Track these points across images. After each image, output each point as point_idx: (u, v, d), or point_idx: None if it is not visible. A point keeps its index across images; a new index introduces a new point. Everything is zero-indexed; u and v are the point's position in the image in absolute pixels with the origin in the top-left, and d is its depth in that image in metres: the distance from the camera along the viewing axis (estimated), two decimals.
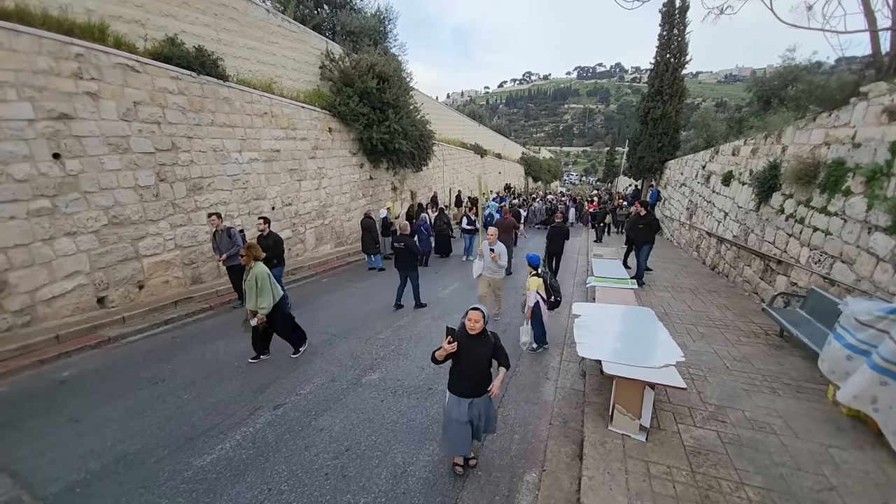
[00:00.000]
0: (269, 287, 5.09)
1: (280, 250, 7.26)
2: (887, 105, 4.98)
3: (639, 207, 9.35)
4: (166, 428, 3.96)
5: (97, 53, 6.33)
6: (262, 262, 5.19)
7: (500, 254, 6.42)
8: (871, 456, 3.35)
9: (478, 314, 3.04)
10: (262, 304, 5.03)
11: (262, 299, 5.03)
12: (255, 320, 5.07)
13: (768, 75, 14.70)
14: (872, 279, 4.79)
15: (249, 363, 5.37)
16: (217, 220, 6.95)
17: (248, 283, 5.03)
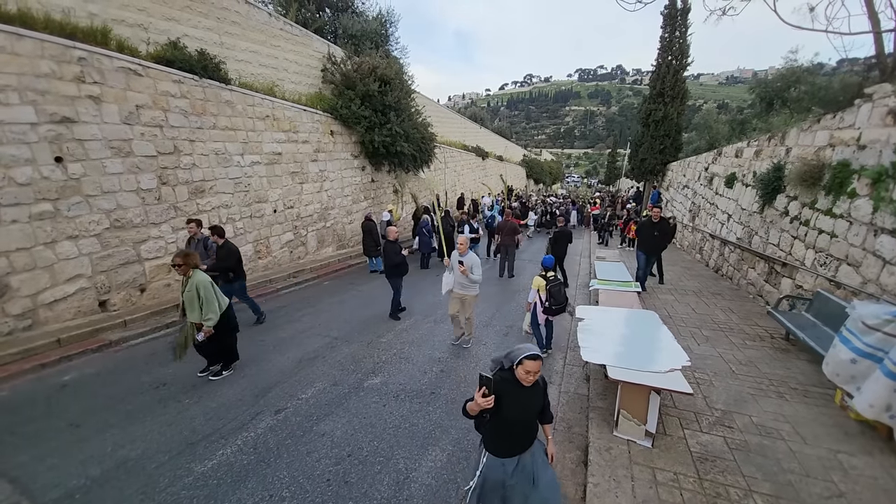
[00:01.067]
0: (215, 296, 4.74)
1: (236, 262, 6.44)
2: (892, 106, 4.95)
3: (653, 211, 8.50)
4: (167, 433, 3.93)
5: (100, 57, 6.34)
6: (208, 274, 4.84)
7: (471, 266, 5.59)
8: (879, 461, 3.30)
9: (537, 364, 2.26)
10: (208, 314, 4.64)
11: (208, 309, 4.65)
12: (201, 335, 4.66)
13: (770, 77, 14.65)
14: (879, 282, 4.74)
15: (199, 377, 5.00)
16: (195, 228, 6.57)
17: (189, 293, 4.60)
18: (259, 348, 5.92)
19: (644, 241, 8.48)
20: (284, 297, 8.54)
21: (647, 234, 8.38)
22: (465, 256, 5.67)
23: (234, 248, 6.51)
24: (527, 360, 2.27)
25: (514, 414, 2.36)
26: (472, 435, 3.93)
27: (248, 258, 9.17)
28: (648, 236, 8.32)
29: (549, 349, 5.78)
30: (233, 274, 6.41)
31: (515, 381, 2.32)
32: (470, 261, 5.64)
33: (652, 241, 8.26)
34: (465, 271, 5.56)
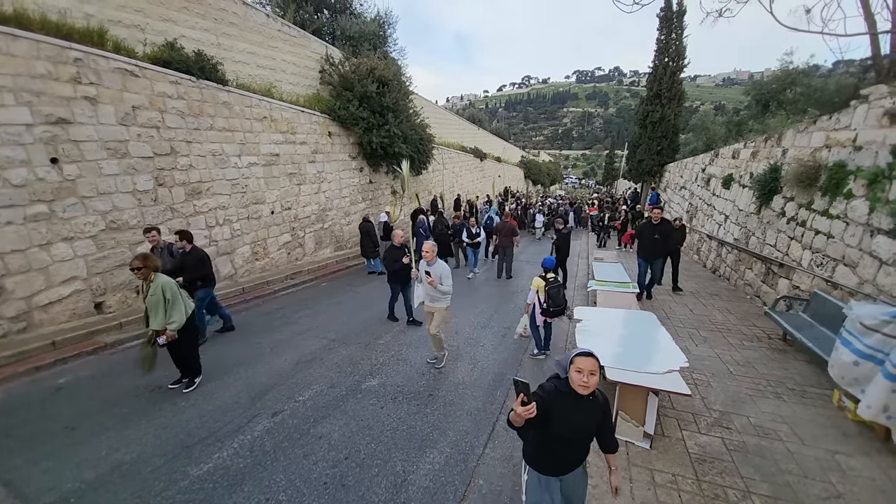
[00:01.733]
0: (181, 299, 4.51)
1: (206, 269, 5.96)
2: (888, 108, 4.97)
3: (653, 212, 7.69)
4: (162, 436, 3.90)
5: (96, 58, 6.32)
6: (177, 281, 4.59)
7: (440, 276, 5.03)
8: (877, 462, 3.30)
9: (591, 362, 2.02)
10: (173, 318, 4.37)
11: (175, 312, 4.39)
12: (163, 338, 4.37)
13: (766, 78, 14.72)
14: (875, 282, 4.75)
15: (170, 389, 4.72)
16: (156, 236, 6.00)
17: (153, 297, 4.32)
18: (256, 350, 5.88)
19: (644, 246, 7.68)
20: (282, 299, 8.51)
21: (647, 238, 7.56)
22: (433, 266, 5.09)
23: (205, 253, 6.09)
24: (578, 358, 2.04)
25: (565, 431, 2.08)
26: (471, 437, 3.92)
27: (245, 259, 9.15)
28: (648, 240, 7.53)
29: (547, 351, 5.77)
30: (201, 282, 5.86)
31: (570, 392, 2.05)
32: (438, 270, 5.06)
33: (652, 245, 7.49)
34: (433, 282, 5.02)
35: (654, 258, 7.64)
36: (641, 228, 7.86)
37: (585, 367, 2.00)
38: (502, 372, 5.31)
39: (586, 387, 2.00)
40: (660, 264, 7.75)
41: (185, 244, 5.89)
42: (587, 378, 1.99)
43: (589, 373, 2.00)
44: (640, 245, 7.81)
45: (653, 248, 7.54)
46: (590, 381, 2.00)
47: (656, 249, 7.55)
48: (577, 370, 2.02)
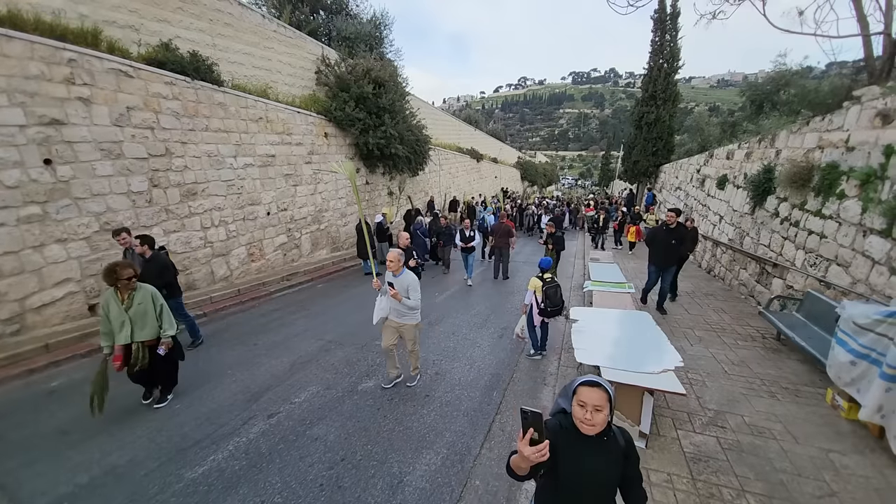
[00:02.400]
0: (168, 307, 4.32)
1: (168, 277, 5.51)
2: (880, 109, 5.02)
3: (667, 215, 6.92)
4: (156, 439, 3.87)
5: (90, 59, 6.28)
6: None
7: (406, 288, 4.42)
8: (871, 461, 3.32)
9: (597, 395, 1.60)
10: (167, 326, 4.23)
11: (166, 320, 4.24)
12: (163, 348, 4.21)
13: (760, 80, 14.85)
14: (868, 282, 4.80)
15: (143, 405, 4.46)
16: (126, 238, 5.53)
17: (140, 307, 4.09)
18: (251, 352, 5.86)
19: (657, 252, 6.93)
20: (278, 301, 8.48)
21: (662, 243, 6.81)
22: (399, 276, 4.47)
23: (168, 260, 5.74)
24: (582, 388, 1.63)
25: (574, 481, 1.68)
26: (467, 438, 3.93)
27: (241, 261, 9.11)
28: (664, 245, 6.78)
29: (543, 351, 5.78)
30: (166, 291, 5.23)
31: (577, 432, 1.66)
32: (405, 282, 4.44)
33: (668, 250, 6.78)
34: (396, 295, 4.35)
35: (668, 265, 6.91)
36: (655, 233, 7.12)
37: (589, 400, 1.59)
38: (499, 373, 5.31)
39: (591, 425, 1.59)
40: (673, 272, 7.10)
41: (146, 249, 5.39)
42: (591, 414, 1.58)
43: (594, 408, 1.58)
44: (654, 252, 7.04)
45: (667, 255, 6.82)
46: (595, 418, 1.58)
47: (671, 255, 6.84)
48: (579, 403, 1.62)
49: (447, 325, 6.99)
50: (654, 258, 7.06)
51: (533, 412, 1.51)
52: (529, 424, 1.50)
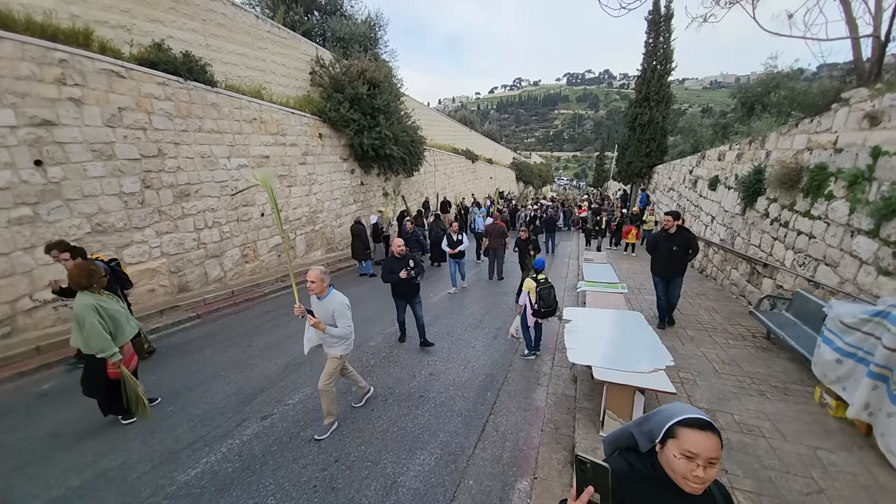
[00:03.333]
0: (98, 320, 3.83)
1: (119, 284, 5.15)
2: (868, 111, 5.08)
3: (665, 219, 6.24)
4: (149, 441, 3.86)
5: (81, 59, 6.24)
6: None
7: (331, 313, 3.79)
8: (858, 458, 3.36)
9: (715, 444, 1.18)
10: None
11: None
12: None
13: (751, 82, 15.03)
14: (856, 281, 4.87)
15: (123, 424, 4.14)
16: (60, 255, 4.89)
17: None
18: (245, 354, 5.84)
19: (659, 261, 6.30)
20: (272, 302, 8.45)
21: (663, 251, 6.16)
22: (322, 300, 3.82)
23: (121, 273, 5.52)
24: (690, 432, 1.18)
25: None
26: (461, 438, 3.95)
27: (234, 262, 9.08)
28: (665, 253, 6.13)
29: (537, 351, 5.82)
30: None
31: (662, 482, 1.23)
32: (330, 306, 3.77)
33: (671, 259, 6.11)
34: (317, 324, 3.67)
35: (673, 275, 6.22)
36: (656, 239, 6.39)
37: (702, 451, 1.15)
38: (493, 373, 5.34)
39: (700, 482, 1.16)
40: (679, 283, 6.36)
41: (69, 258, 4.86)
42: (703, 471, 1.15)
43: (707, 462, 1.16)
44: (656, 261, 6.39)
45: (672, 263, 6.16)
46: (707, 474, 1.16)
47: (677, 264, 6.16)
48: (685, 454, 1.17)
49: (442, 325, 7.00)
50: (656, 267, 6.40)
51: (595, 464, 1.11)
52: (588, 480, 1.11)
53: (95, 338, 3.70)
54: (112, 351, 3.78)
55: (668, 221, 6.15)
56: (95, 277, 3.83)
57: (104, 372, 3.84)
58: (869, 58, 7.14)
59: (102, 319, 3.78)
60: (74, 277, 3.76)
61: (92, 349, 3.72)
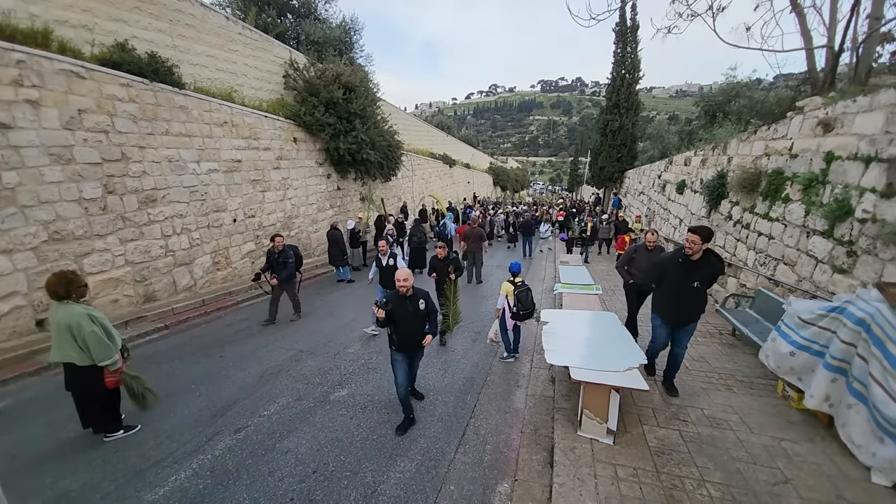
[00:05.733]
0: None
1: None
2: (822, 118, 5.40)
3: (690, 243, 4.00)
4: (113, 460, 3.66)
5: (40, 59, 5.93)
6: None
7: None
8: (821, 448, 3.52)
9: None
10: None
11: None
12: None
13: (714, 91, 15.76)
14: (813, 279, 5.16)
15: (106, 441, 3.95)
16: None
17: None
18: (217, 365, 5.64)
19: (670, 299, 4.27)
20: (245, 310, 8.21)
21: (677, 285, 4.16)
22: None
23: None
24: None
25: None
26: (441, 443, 3.93)
27: (205, 270, 8.77)
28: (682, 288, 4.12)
29: (516, 354, 5.87)
30: None
31: None
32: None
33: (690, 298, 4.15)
34: None
35: (686, 321, 4.26)
36: (664, 265, 4.30)
37: None
38: (473, 376, 5.35)
39: None
40: (692, 331, 4.38)
41: None
42: None
43: None
44: (661, 296, 4.39)
45: (689, 305, 4.17)
46: None
47: (694, 305, 4.17)
48: None
49: None
50: (661, 306, 4.38)
51: None
52: None
53: (100, 347, 3.61)
54: (114, 358, 3.70)
55: (694, 243, 3.93)
56: (74, 286, 3.67)
57: (101, 382, 3.71)
58: (823, 68, 7.61)
59: (106, 328, 3.72)
60: (52, 287, 3.60)
61: (98, 359, 3.62)
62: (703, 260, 4.03)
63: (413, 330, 4.03)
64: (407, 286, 4.00)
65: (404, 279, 4.00)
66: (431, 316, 4.19)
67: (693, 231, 4.01)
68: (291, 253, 7.30)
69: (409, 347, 4.11)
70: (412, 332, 4.03)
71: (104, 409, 3.91)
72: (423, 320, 4.10)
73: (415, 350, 4.19)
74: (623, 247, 11.59)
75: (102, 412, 3.91)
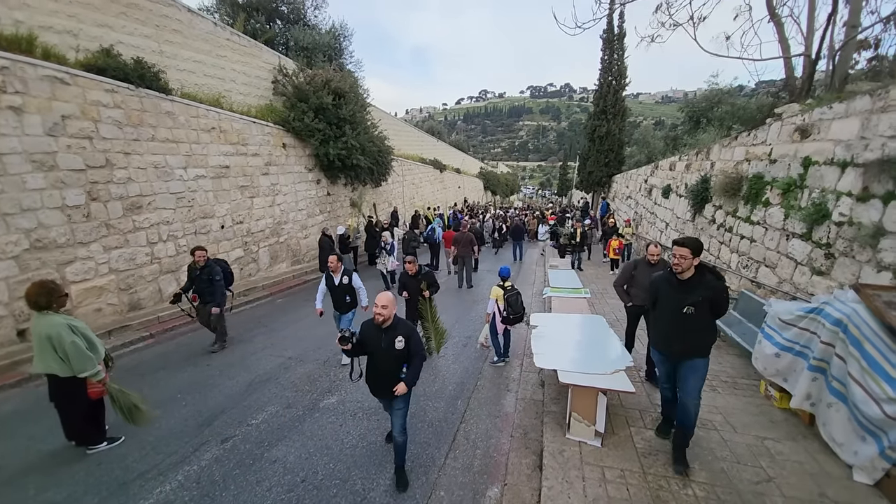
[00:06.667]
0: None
1: None
2: (799, 124, 5.57)
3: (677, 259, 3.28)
4: (96, 473, 3.58)
5: (23, 66, 5.84)
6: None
7: None
8: (803, 447, 3.59)
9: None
10: None
11: None
12: None
13: (697, 97, 16.13)
14: (793, 281, 5.29)
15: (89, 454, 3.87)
16: None
17: None
18: (204, 373, 5.57)
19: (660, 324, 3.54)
20: (233, 318, 8.09)
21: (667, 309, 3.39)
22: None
23: None
24: None
25: None
26: (431, 449, 3.93)
27: None
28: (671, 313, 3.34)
29: (506, 358, 5.90)
30: None
31: None
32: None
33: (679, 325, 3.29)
34: None
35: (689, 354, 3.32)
36: (658, 286, 3.52)
37: None
38: (463, 381, 5.36)
39: None
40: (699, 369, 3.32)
41: None
42: None
43: None
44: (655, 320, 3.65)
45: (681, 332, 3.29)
46: None
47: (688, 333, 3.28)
48: None
49: None
50: (654, 334, 3.70)
51: None
52: None
53: (80, 358, 3.54)
54: (96, 369, 3.64)
55: (683, 258, 3.22)
56: (55, 296, 3.61)
57: (84, 393, 3.64)
58: (801, 75, 7.83)
59: (90, 339, 3.66)
60: (33, 297, 3.52)
61: (78, 370, 3.55)
62: (695, 278, 3.23)
63: (383, 369, 3.26)
64: (385, 315, 3.19)
65: (384, 305, 3.19)
66: (414, 360, 3.28)
67: (680, 244, 3.21)
68: (219, 269, 6.18)
69: (378, 392, 3.39)
70: (381, 373, 3.27)
71: (87, 420, 3.84)
72: (398, 361, 3.27)
73: (386, 397, 3.36)
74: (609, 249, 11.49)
75: (86, 423, 3.84)
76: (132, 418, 3.97)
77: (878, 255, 3.96)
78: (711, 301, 3.22)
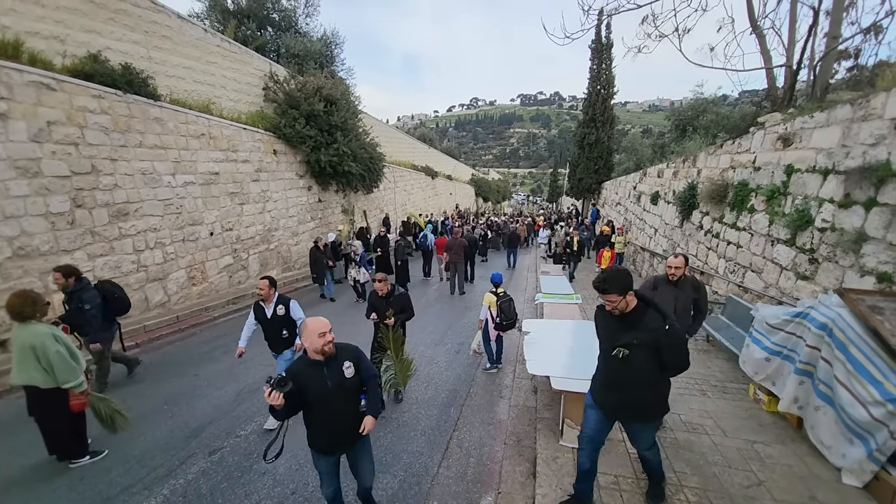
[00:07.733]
0: None
1: None
2: (781, 133, 5.71)
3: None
4: (78, 488, 3.47)
5: (8, 71, 5.74)
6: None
7: None
8: (793, 450, 3.62)
9: None
10: None
11: None
12: None
13: (683, 106, 16.49)
14: (779, 286, 5.39)
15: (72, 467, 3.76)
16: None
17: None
18: (191, 384, 5.46)
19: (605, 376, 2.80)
20: (222, 326, 7.99)
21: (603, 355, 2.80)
22: None
23: None
24: None
25: None
26: (424, 458, 3.89)
27: (180, 285, 8.51)
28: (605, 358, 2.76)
29: (499, 364, 5.89)
30: None
31: None
32: None
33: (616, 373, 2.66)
34: None
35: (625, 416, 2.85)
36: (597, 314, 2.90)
37: None
38: (456, 388, 5.34)
39: None
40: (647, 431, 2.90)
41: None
42: None
43: None
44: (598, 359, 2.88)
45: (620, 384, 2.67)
46: None
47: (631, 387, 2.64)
48: None
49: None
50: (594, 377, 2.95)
51: None
52: None
53: (65, 368, 3.44)
54: (80, 380, 3.54)
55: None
56: (39, 306, 3.51)
57: (66, 405, 3.53)
58: (783, 85, 8.06)
59: (72, 349, 3.56)
60: (17, 307, 3.40)
61: (62, 381, 3.45)
62: (635, 315, 2.58)
63: (340, 415, 2.56)
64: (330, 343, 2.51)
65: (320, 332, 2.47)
66: (369, 384, 2.68)
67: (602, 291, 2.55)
68: (92, 295, 5.00)
69: (338, 445, 2.67)
70: (339, 419, 2.56)
71: (70, 433, 3.73)
72: (355, 394, 2.63)
73: (348, 447, 2.70)
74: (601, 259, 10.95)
75: (68, 437, 3.73)
76: (115, 426, 3.89)
77: (861, 260, 4.06)
78: (655, 347, 2.49)
